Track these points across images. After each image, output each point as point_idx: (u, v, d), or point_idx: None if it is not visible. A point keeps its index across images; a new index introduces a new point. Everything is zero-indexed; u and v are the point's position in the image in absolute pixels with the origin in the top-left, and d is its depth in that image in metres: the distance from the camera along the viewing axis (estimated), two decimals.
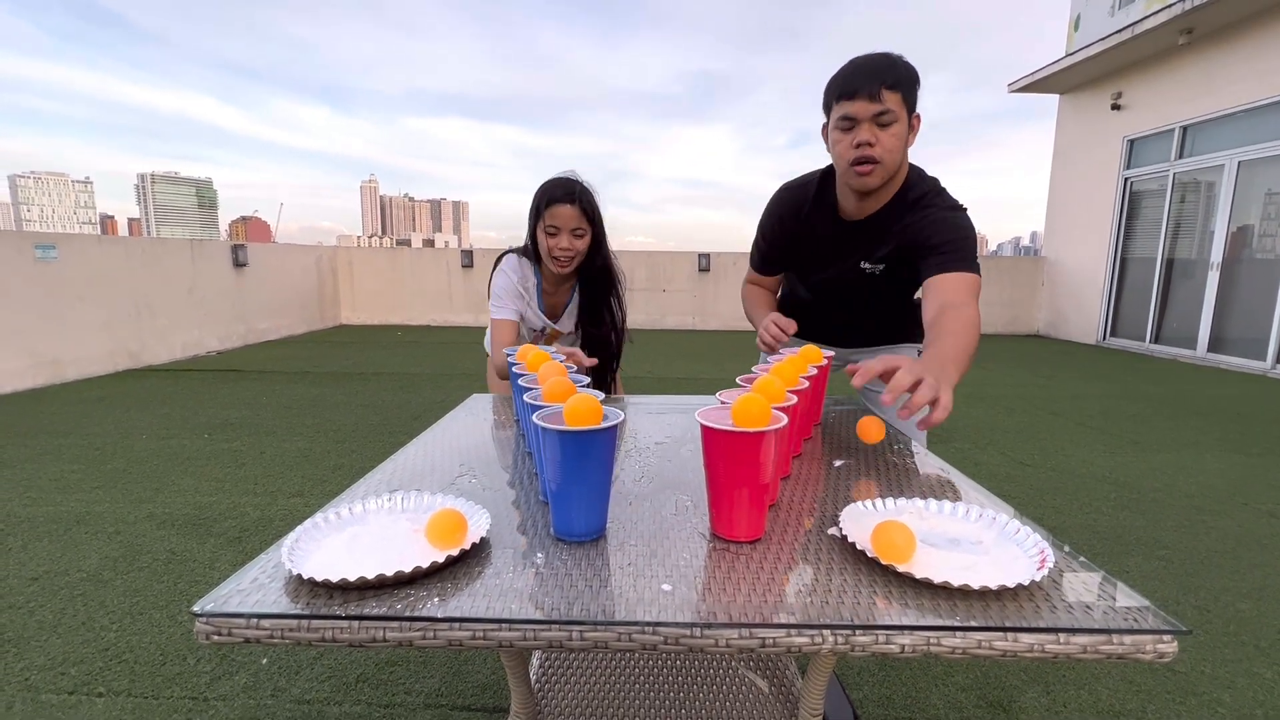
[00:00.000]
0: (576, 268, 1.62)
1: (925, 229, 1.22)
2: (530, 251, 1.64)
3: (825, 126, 1.26)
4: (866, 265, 1.34)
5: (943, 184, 1.29)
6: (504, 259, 1.68)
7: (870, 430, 1.01)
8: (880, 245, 1.30)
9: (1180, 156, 6.98)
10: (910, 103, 1.18)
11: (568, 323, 1.75)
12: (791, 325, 1.30)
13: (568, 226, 1.54)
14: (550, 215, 1.54)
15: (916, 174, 1.29)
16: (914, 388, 0.84)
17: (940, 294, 1.14)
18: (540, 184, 1.60)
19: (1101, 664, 1.53)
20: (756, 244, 1.50)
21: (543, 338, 1.78)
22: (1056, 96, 8.79)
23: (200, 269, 6.42)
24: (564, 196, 1.53)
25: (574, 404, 0.67)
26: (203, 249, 6.56)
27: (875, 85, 1.14)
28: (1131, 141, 7.62)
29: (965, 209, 1.27)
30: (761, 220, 1.46)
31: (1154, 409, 4.35)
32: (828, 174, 1.35)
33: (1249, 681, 1.50)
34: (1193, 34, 6.38)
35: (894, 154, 1.19)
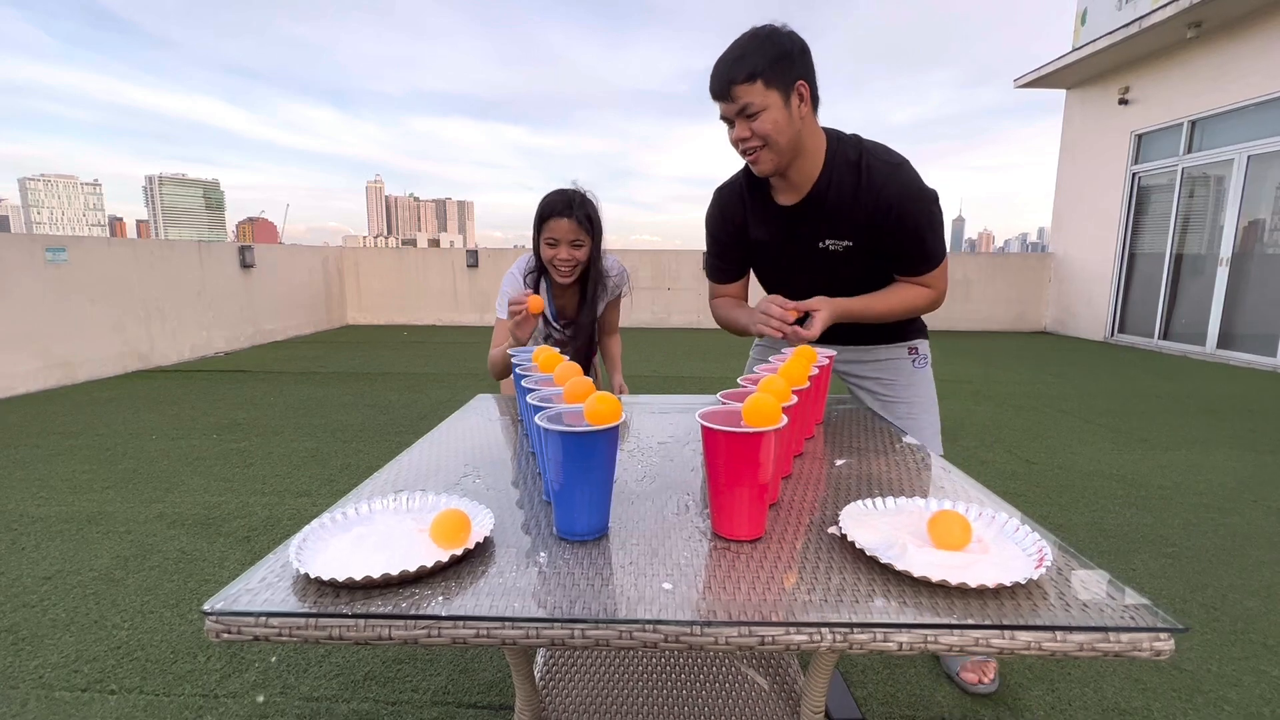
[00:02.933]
0: (580, 275, 1.68)
1: (882, 241, 1.25)
2: (538, 261, 1.70)
3: None
4: (829, 243, 1.29)
5: (864, 140, 1.26)
6: (519, 263, 1.76)
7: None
8: (833, 222, 1.26)
9: (1189, 151, 6.92)
10: (778, 79, 1.13)
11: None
12: (790, 303, 1.24)
13: (566, 238, 1.60)
14: (549, 229, 1.60)
15: (834, 138, 1.25)
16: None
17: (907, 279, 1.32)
18: (542, 196, 1.66)
19: (1106, 662, 1.53)
20: (710, 253, 1.48)
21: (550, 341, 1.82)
22: (1063, 91, 8.73)
23: (208, 270, 6.47)
24: (561, 210, 1.59)
25: (590, 403, 0.68)
26: (210, 251, 6.61)
27: (725, 87, 1.15)
28: (1139, 136, 7.56)
29: (899, 165, 1.23)
30: (707, 225, 1.46)
31: (1162, 406, 4.32)
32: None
33: (1256, 679, 1.49)
34: (1201, 27, 6.32)
35: (778, 135, 1.16)
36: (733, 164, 1.33)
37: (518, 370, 1.05)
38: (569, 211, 1.59)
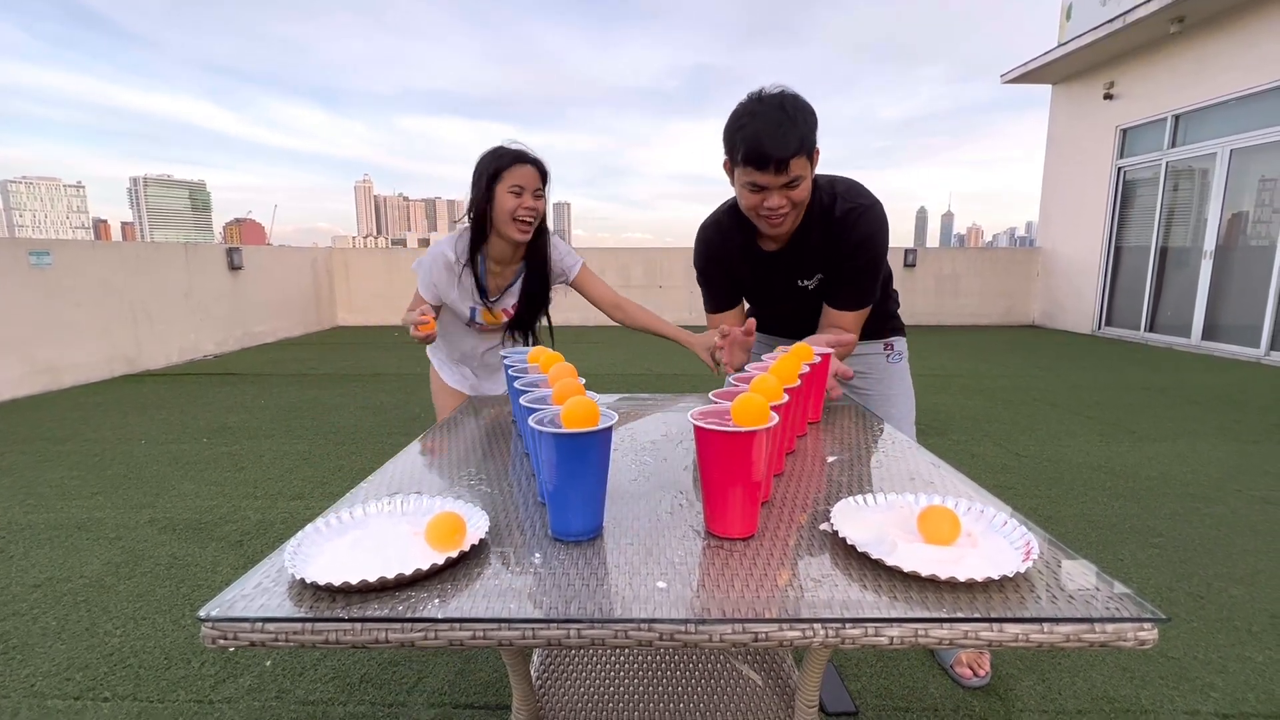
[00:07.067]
0: (525, 252, 1.61)
1: (834, 271, 1.34)
2: (476, 228, 1.58)
3: (727, 162, 1.27)
4: (804, 283, 1.40)
5: (837, 184, 1.32)
6: (440, 242, 1.65)
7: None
8: (808, 266, 1.37)
9: (1173, 145, 7.00)
10: (812, 149, 1.19)
11: (507, 301, 1.70)
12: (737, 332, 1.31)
13: (531, 186, 1.52)
14: (512, 175, 1.51)
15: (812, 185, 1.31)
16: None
17: (833, 319, 1.38)
18: (482, 154, 1.56)
19: (1095, 651, 1.56)
20: (704, 289, 1.54)
21: (473, 324, 1.72)
22: (1049, 87, 8.80)
23: (195, 273, 6.41)
24: (523, 156, 1.52)
25: (570, 407, 0.69)
26: (197, 252, 6.55)
27: (783, 159, 1.15)
28: (1124, 131, 7.63)
29: (870, 207, 1.30)
30: (698, 267, 1.51)
31: (1149, 398, 4.37)
32: (735, 207, 1.37)
33: (1241, 666, 1.52)
34: (1184, 22, 6.39)
35: (805, 199, 1.23)
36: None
37: (510, 371, 1.06)
38: (530, 159, 1.51)
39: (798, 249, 1.36)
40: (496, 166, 1.52)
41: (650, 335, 1.79)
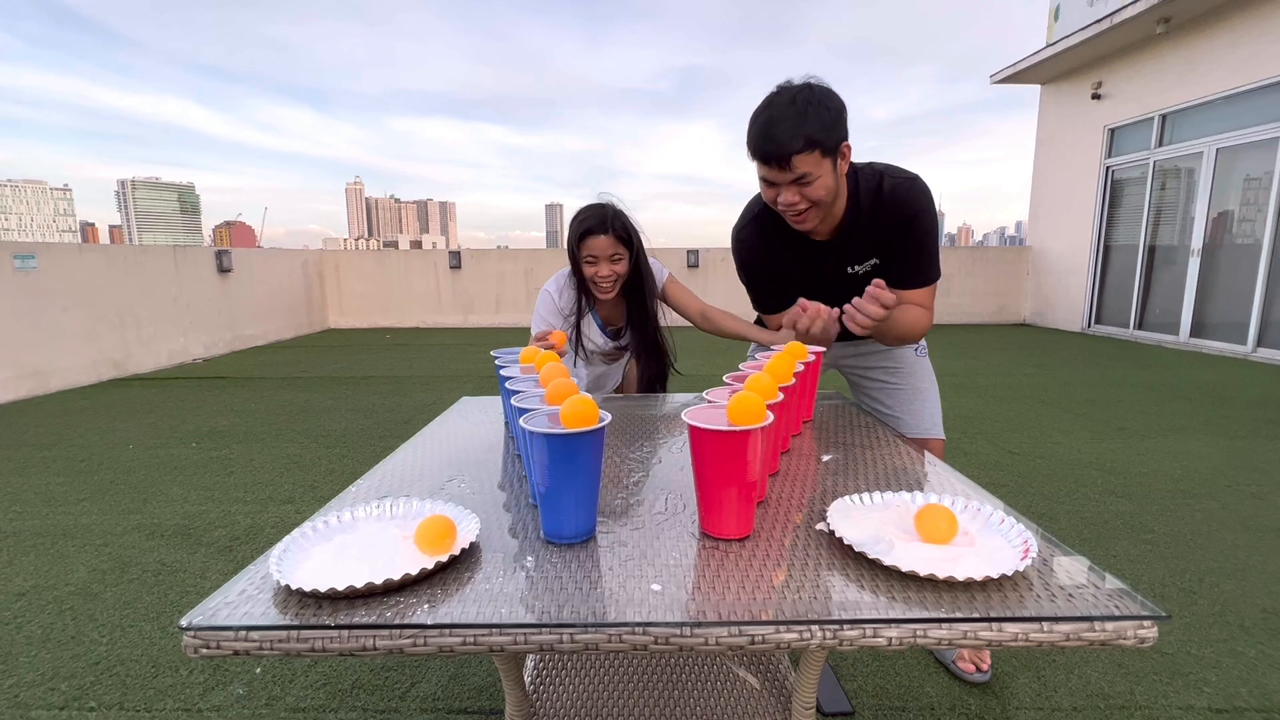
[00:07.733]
0: (622, 288, 1.67)
1: (892, 251, 1.33)
2: (580, 278, 1.68)
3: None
4: (855, 269, 1.38)
5: (878, 165, 1.32)
6: (554, 278, 1.73)
7: None
8: (859, 252, 1.35)
9: (1160, 144, 7.06)
10: (831, 145, 1.16)
11: (626, 335, 1.80)
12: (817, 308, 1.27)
13: (605, 254, 1.60)
14: (586, 247, 1.60)
15: (853, 172, 1.30)
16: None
17: (909, 299, 1.35)
18: (575, 213, 1.67)
19: (1090, 648, 1.56)
20: (755, 292, 1.52)
21: (603, 357, 1.83)
22: (1038, 87, 8.86)
23: (184, 276, 6.35)
24: (596, 226, 1.59)
25: (566, 407, 0.68)
26: (186, 255, 6.48)
27: (785, 155, 1.13)
28: (1112, 130, 7.69)
29: (914, 179, 1.29)
30: (744, 271, 1.49)
31: (1139, 395, 4.40)
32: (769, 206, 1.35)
33: (1234, 661, 1.53)
34: (1170, 23, 6.45)
35: (825, 197, 1.20)
36: (717, 165, 1.34)
37: (501, 371, 1.04)
38: (604, 228, 1.58)
39: (849, 235, 1.33)
40: (575, 235, 1.62)
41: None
